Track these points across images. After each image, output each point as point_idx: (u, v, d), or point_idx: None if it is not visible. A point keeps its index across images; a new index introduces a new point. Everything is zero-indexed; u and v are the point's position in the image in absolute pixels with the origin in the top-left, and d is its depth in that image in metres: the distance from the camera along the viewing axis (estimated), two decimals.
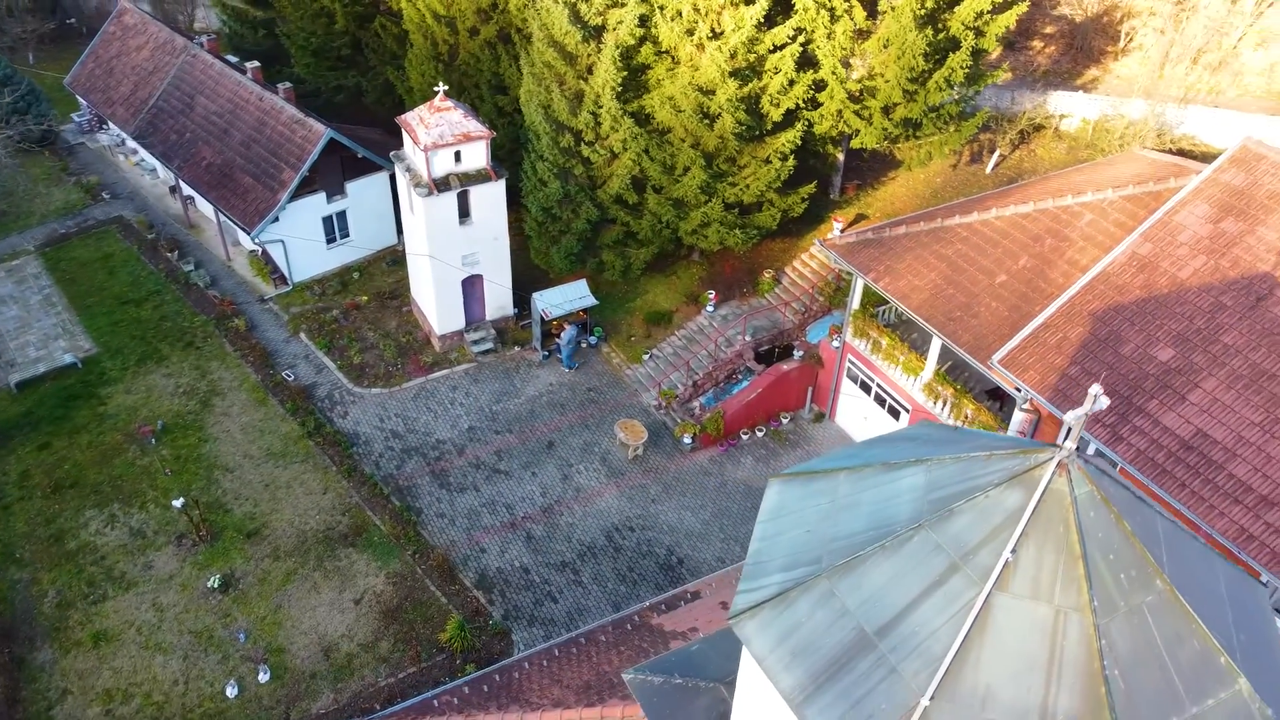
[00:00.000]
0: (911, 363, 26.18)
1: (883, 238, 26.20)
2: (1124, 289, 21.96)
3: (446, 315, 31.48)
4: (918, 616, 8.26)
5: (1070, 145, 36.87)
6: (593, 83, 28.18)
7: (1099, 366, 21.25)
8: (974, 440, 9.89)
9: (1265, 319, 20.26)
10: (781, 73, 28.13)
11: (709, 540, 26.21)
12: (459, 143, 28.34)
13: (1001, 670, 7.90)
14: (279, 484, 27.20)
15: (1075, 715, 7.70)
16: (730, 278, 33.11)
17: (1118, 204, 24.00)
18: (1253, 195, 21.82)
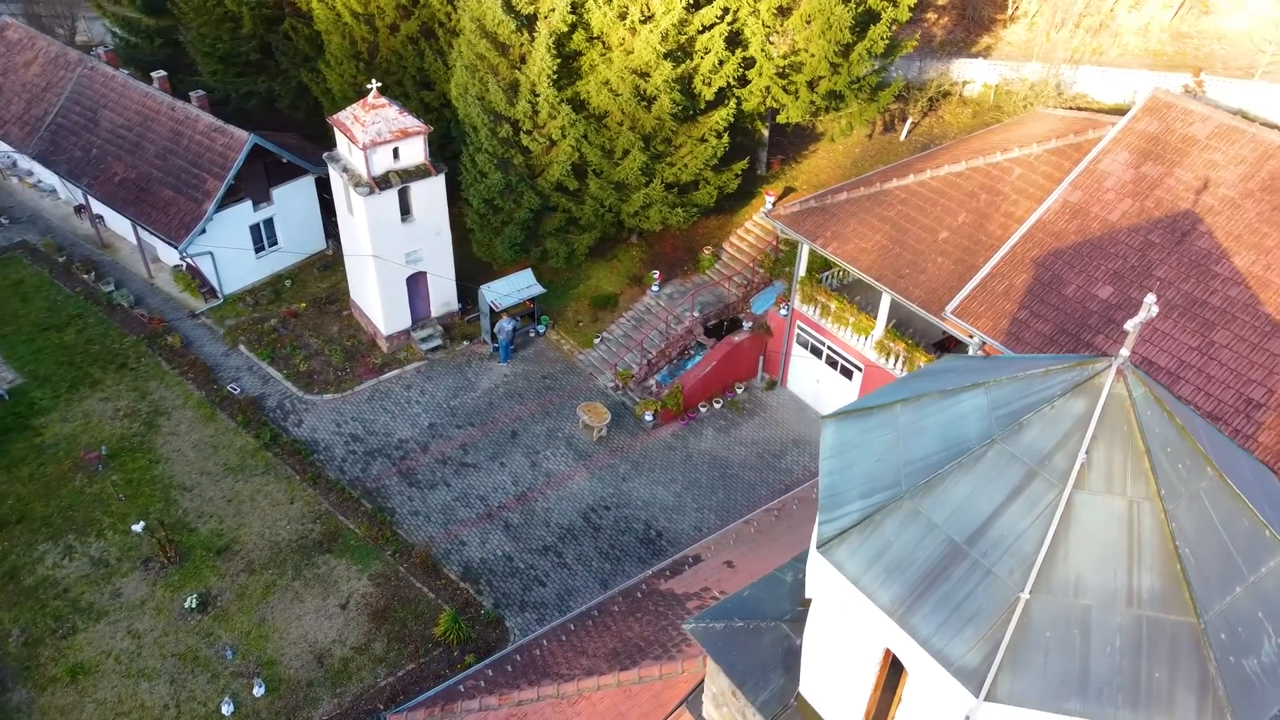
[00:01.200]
0: (862, 323, 27.27)
1: (826, 205, 27.19)
2: (1060, 235, 23.42)
3: (393, 315, 31.17)
4: (1004, 522, 8.96)
5: (975, 110, 38.69)
6: (527, 71, 28.33)
7: (1045, 309, 22.64)
8: (1009, 365, 10.68)
9: (1191, 252, 21.95)
10: (712, 53, 28.82)
11: (684, 511, 26.80)
12: (397, 139, 28.11)
13: (1088, 560, 8.66)
14: (242, 498, 26.57)
15: (1158, 591, 8.53)
16: (671, 257, 33.71)
17: (1043, 157, 25.52)
18: (1167, 140, 23.54)
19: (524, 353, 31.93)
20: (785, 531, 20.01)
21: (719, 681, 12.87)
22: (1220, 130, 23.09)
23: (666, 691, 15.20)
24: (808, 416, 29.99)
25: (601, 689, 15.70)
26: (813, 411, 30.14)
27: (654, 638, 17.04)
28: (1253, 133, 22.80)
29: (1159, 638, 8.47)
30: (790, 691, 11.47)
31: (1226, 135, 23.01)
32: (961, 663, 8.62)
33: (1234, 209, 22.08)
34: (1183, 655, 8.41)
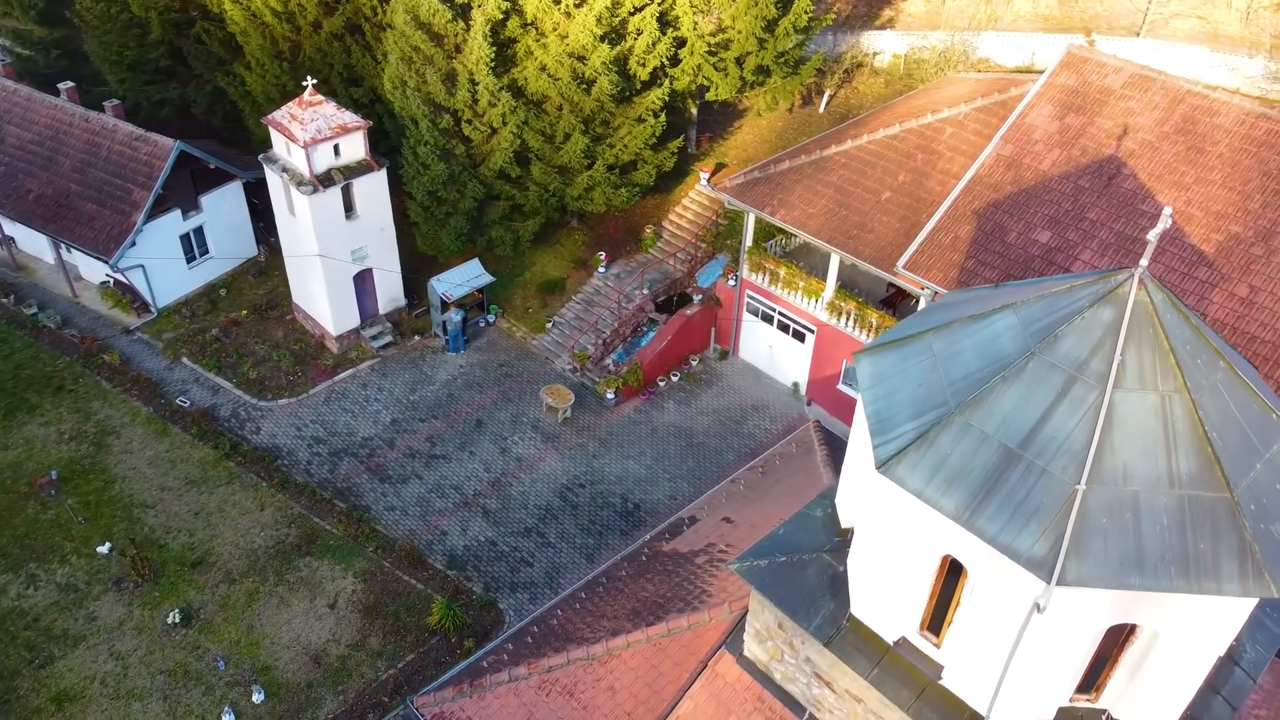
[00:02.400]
0: (812, 286, 28.26)
1: (769, 174, 28.05)
2: (997, 187, 24.78)
3: (341, 314, 30.82)
4: (1053, 424, 9.80)
5: (886, 79, 40.20)
6: (465, 61, 28.35)
7: (991, 256, 23.96)
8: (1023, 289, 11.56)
9: (1118, 194, 23.53)
10: (645, 33, 29.34)
11: (657, 482, 27.38)
12: (337, 135, 27.82)
13: (1132, 450, 9.57)
14: (209, 509, 26.02)
15: (1194, 472, 9.49)
16: (614, 238, 34.17)
17: (972, 116, 26.88)
18: (1086, 93, 25.11)
19: (476, 343, 31.98)
20: (773, 485, 20.77)
21: (763, 617, 13.52)
22: (1133, 80, 24.77)
23: (696, 641, 15.76)
24: (763, 382, 30.90)
25: (631, 646, 16.15)
26: (767, 377, 31.06)
27: (671, 594, 17.58)
28: (1163, 80, 24.54)
29: (1200, 513, 9.42)
30: (841, 615, 12.17)
31: (1139, 84, 24.70)
32: (1030, 554, 9.42)
33: (1153, 151, 23.76)
34: (1222, 526, 9.38)
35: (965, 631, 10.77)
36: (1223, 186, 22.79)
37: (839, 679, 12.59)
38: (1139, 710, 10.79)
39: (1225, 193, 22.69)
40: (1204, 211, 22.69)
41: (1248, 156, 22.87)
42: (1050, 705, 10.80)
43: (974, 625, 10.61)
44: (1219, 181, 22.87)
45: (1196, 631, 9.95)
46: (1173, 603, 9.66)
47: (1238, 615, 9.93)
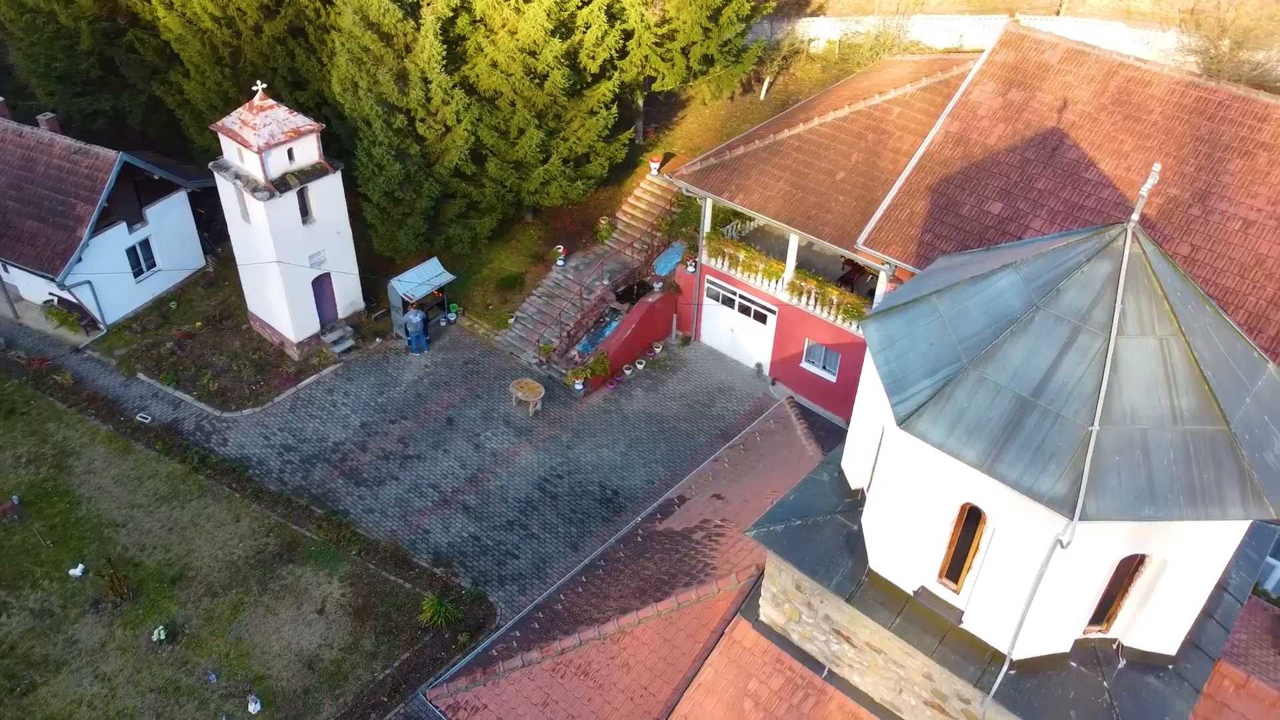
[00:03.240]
0: (772, 268, 28.91)
1: (725, 161, 28.60)
2: (948, 162, 25.69)
3: (301, 321, 30.49)
4: (1062, 372, 10.46)
5: (823, 65, 41.13)
6: (416, 60, 28.28)
7: (946, 229, 24.86)
8: (1020, 248, 12.24)
9: (1063, 163, 24.62)
10: (594, 26, 29.62)
11: (633, 468, 27.76)
12: (291, 139, 27.54)
13: (1137, 391, 10.27)
14: (183, 524, 25.61)
15: (1194, 409, 10.23)
16: (570, 231, 34.40)
17: (918, 95, 27.78)
18: (1025, 68, 26.17)
19: (439, 342, 31.93)
20: (757, 460, 21.32)
21: (780, 580, 14.02)
22: (1069, 55, 25.91)
23: (706, 612, 16.21)
24: (726, 365, 31.48)
25: (642, 623, 16.53)
26: (730, 360, 31.65)
27: (674, 570, 17.99)
28: (1096, 54, 25.71)
29: (1202, 446, 10.17)
30: (860, 571, 12.72)
31: (1074, 59, 25.84)
32: (1052, 494, 10.06)
33: (1092, 122, 24.90)
34: (1222, 457, 10.15)
35: (985, 575, 11.40)
36: (1159, 152, 24.01)
37: (859, 633, 13.15)
38: (1147, 637, 11.56)
39: (1163, 158, 23.91)
40: (1143, 177, 23.83)
41: (1180, 123, 24.14)
42: (1067, 638, 11.49)
43: (994, 568, 11.23)
44: (1155, 148, 24.10)
45: (1200, 557, 10.73)
46: (1181, 530, 10.40)
47: (1235, 539, 10.72)
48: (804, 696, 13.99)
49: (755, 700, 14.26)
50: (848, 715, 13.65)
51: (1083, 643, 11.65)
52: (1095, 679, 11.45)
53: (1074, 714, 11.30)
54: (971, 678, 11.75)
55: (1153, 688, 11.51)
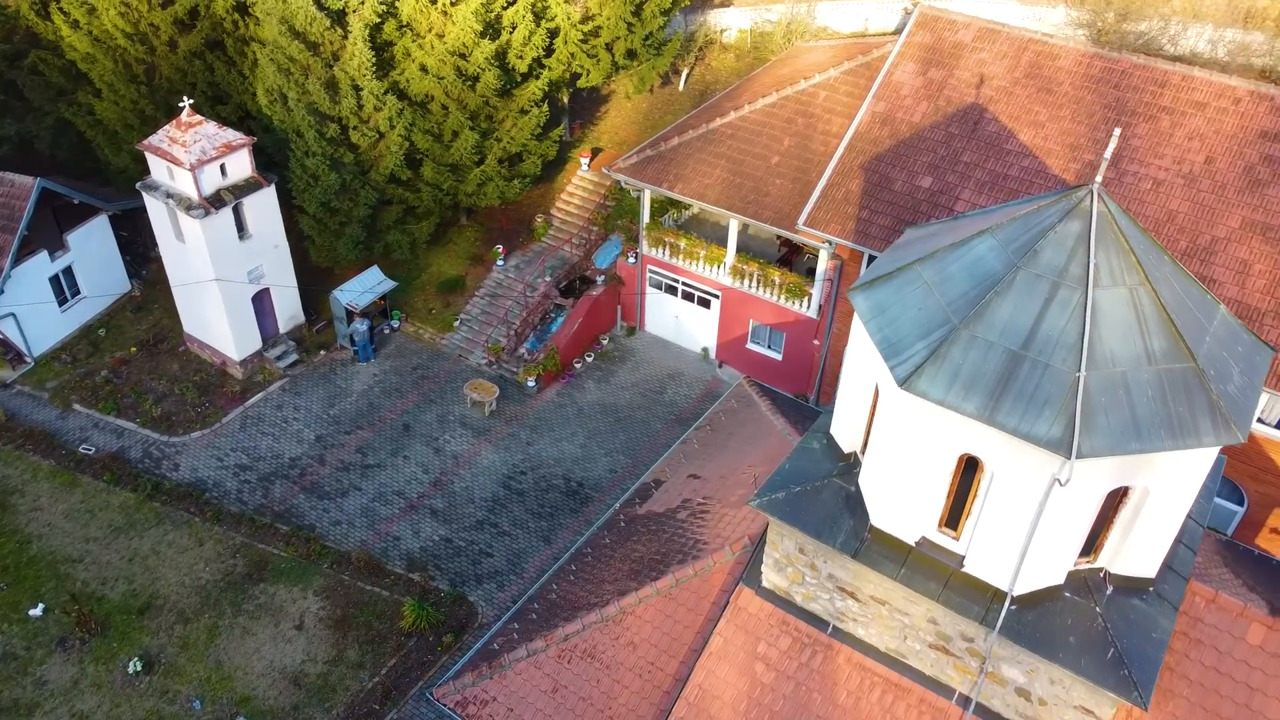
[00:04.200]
0: (713, 253, 29.66)
1: (661, 152, 29.20)
2: (877, 141, 26.79)
3: (243, 338, 29.99)
4: (1046, 325, 11.37)
5: (737, 54, 42.06)
6: (345, 67, 28.06)
7: (881, 205, 25.95)
8: (990, 215, 13.14)
9: (985, 136, 25.96)
10: (520, 26, 29.84)
11: (595, 459, 28.20)
12: (223, 155, 27.08)
13: (1115, 336, 11.24)
14: (144, 553, 25.05)
15: (1165, 349, 11.25)
16: (507, 230, 34.55)
17: (842, 79, 28.84)
18: (941, 48, 27.45)
19: (385, 350, 31.78)
20: (727, 439, 22.01)
21: (783, 545, 14.71)
22: (981, 33, 27.28)
23: (705, 586, 16.82)
24: (673, 352, 32.14)
25: (643, 602, 17.04)
26: (676, 347, 32.32)
27: (664, 549, 18.54)
28: (1006, 32, 27.14)
29: (1175, 383, 11.20)
30: (862, 528, 13.49)
31: (987, 37, 27.22)
32: (1049, 436, 10.95)
33: (1008, 96, 26.31)
34: (1193, 391, 11.19)
35: (984, 520, 12.27)
36: (1072, 121, 25.54)
37: (863, 587, 13.94)
38: (1130, 563, 12.61)
39: (1075, 126, 25.45)
40: (1060, 145, 25.37)
41: (1089, 93, 25.71)
42: (1061, 571, 12.46)
43: (993, 512, 12.11)
44: (1068, 117, 25.61)
45: (1177, 485, 11.77)
46: (1161, 461, 11.42)
47: (1206, 466, 11.79)
48: (812, 654, 14.73)
49: (766, 662, 14.94)
50: (855, 666, 14.45)
51: (1074, 574, 12.64)
52: (1089, 606, 12.45)
53: (1073, 639, 12.28)
54: (976, 616, 12.63)
55: (1139, 609, 12.58)
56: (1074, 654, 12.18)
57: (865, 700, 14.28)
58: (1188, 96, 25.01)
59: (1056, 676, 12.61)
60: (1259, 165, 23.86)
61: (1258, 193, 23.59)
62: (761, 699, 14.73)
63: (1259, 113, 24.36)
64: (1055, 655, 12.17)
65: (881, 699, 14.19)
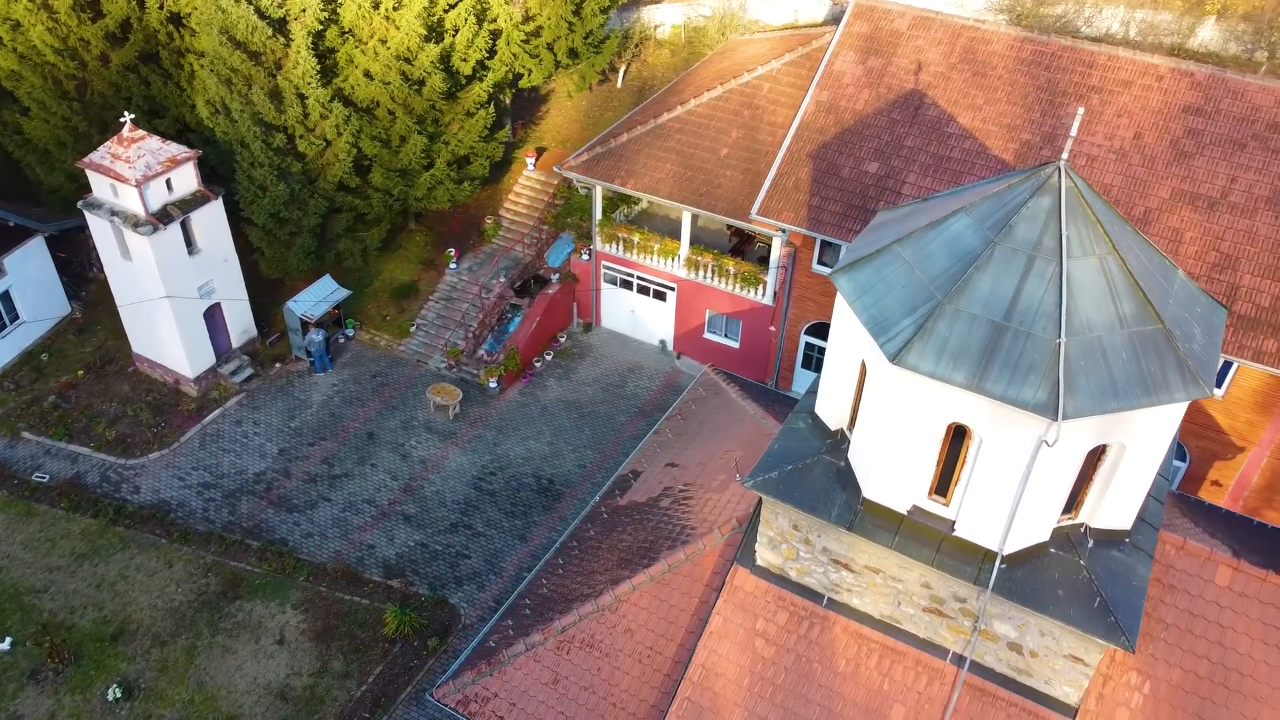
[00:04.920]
0: (667, 246, 30.10)
1: (611, 149, 29.52)
2: (823, 130, 27.50)
3: (196, 355, 29.48)
4: (1026, 296, 12.02)
5: (671, 49, 42.52)
6: (289, 76, 27.76)
7: (831, 191, 26.66)
8: (961, 195, 13.76)
9: (926, 121, 26.84)
10: (464, 29, 29.84)
11: (563, 456, 28.43)
12: (168, 169, 26.61)
13: (1089, 302, 11.94)
14: (111, 579, 24.55)
15: (1136, 313, 11.98)
16: (457, 233, 34.51)
17: (784, 70, 29.49)
18: (879, 37, 28.27)
19: (341, 359, 31.53)
20: (700, 427, 22.47)
21: (777, 523, 15.20)
22: (916, 21, 28.16)
23: (697, 569, 17.25)
24: (631, 346, 32.51)
25: (637, 589, 17.40)
26: (634, 340, 32.70)
27: (651, 537, 18.92)
28: (940, 19, 28.07)
29: (1145, 344, 11.94)
30: (855, 501, 14.04)
31: (922, 25, 28.12)
32: (1035, 401, 11.61)
33: (946, 81, 27.23)
34: (1163, 351, 11.94)
35: (974, 484, 12.90)
36: (1008, 103, 26.56)
37: (857, 558, 14.51)
38: (1107, 517, 13.37)
39: (1011, 108, 26.48)
40: (998, 126, 26.37)
41: (1022, 75, 26.76)
42: (1046, 528, 13.16)
43: (982, 476, 12.74)
44: (1004, 99, 26.63)
45: (1150, 440, 12.53)
46: (1137, 418, 12.15)
47: (1176, 420, 12.58)
48: (809, 625, 15.27)
49: (765, 638, 15.43)
50: (852, 635, 15.02)
51: (1058, 530, 13.36)
52: (1073, 559, 13.18)
53: (1061, 592, 13.00)
54: (969, 577, 13.28)
55: (1118, 559, 13.35)
56: (1063, 605, 12.90)
57: (864, 666, 14.87)
58: (1114, 76, 26.21)
59: (1047, 629, 13.33)
60: (1184, 138, 25.15)
61: (1184, 164, 24.87)
62: (764, 673, 15.22)
63: (1180, 88, 25.67)
64: (1046, 608, 12.88)
65: (879, 664, 14.79)
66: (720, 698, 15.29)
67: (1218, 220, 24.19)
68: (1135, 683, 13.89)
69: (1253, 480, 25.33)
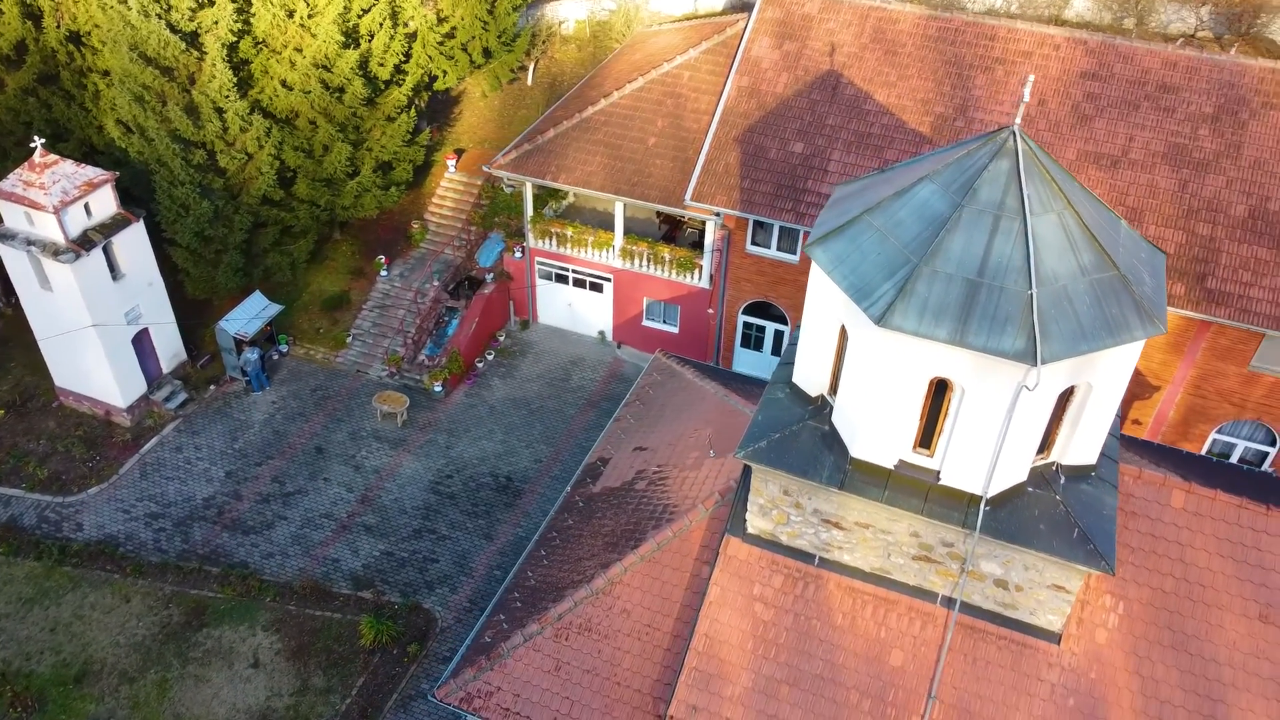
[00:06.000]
0: (602, 238, 30.47)
1: (539, 145, 29.71)
2: (747, 114, 28.27)
3: (127, 384, 28.53)
4: (995, 253, 12.89)
5: (578, 45, 42.78)
6: (205, 90, 27.07)
7: (760, 173, 27.47)
8: (921, 164, 14.58)
9: (845, 100, 27.88)
10: (380, 33, 29.58)
11: (517, 453, 28.57)
12: (86, 193, 25.69)
13: (1053, 255, 12.89)
14: (65, 620, 23.68)
15: (1094, 262, 12.98)
16: (385, 240, 34.14)
17: (702, 59, 30.16)
18: (792, 21, 29.19)
19: (278, 376, 30.93)
20: (661, 410, 22.97)
21: (768, 491, 15.82)
22: (826, 5, 29.17)
23: (685, 545, 17.77)
24: (570, 339, 32.80)
25: (628, 570, 17.81)
26: (573, 334, 32.99)
27: (633, 519, 19.34)
28: (849, 2, 29.14)
29: (1106, 290, 12.95)
30: (843, 461, 14.76)
31: (831, 8, 29.14)
32: (1014, 348, 12.49)
33: (859, 61, 28.33)
34: (1120, 295, 12.98)
35: (956, 434, 13.75)
36: (919, 79, 27.81)
37: (848, 515, 15.25)
38: (1075, 454, 14.41)
39: (923, 83, 27.73)
40: (913, 101, 27.59)
41: (931, 52, 28.04)
42: (1024, 469, 14.12)
43: (965, 425, 13.60)
44: (915, 75, 27.86)
45: (1113, 378, 13.58)
46: (1103, 358, 13.16)
47: (1134, 358, 13.66)
48: (804, 585, 15.96)
49: (763, 601, 16.06)
50: (845, 590, 15.77)
51: (1034, 470, 14.35)
52: (1050, 496, 14.18)
53: (1042, 527, 13.98)
54: (957, 521, 14.15)
55: (1089, 493, 14.41)
56: (1046, 539, 13.88)
57: (859, 618, 15.64)
58: (1015, 47, 27.71)
59: (1030, 563, 14.31)
60: (1084, 102, 26.80)
61: (1086, 126, 26.51)
62: (765, 635, 15.85)
63: (1076, 56, 27.32)
64: (1031, 543, 13.84)
65: (874, 614, 15.58)
66: (727, 664, 15.86)
67: (1121, 177, 25.90)
68: (1110, 605, 15.01)
69: (1169, 416, 27.24)
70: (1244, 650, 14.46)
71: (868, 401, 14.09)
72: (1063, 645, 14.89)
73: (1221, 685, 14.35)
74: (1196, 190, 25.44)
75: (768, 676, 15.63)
